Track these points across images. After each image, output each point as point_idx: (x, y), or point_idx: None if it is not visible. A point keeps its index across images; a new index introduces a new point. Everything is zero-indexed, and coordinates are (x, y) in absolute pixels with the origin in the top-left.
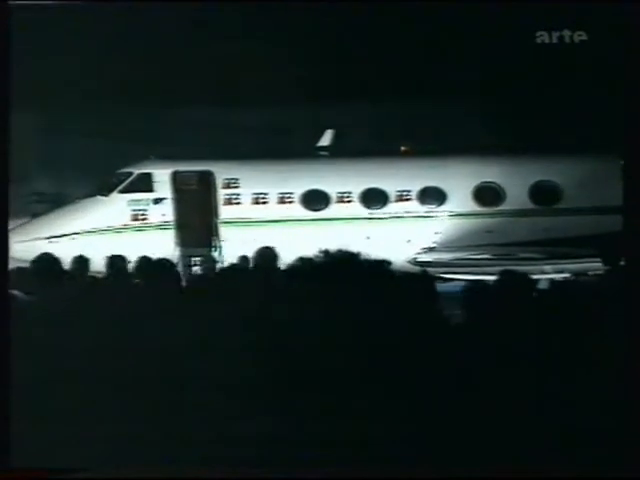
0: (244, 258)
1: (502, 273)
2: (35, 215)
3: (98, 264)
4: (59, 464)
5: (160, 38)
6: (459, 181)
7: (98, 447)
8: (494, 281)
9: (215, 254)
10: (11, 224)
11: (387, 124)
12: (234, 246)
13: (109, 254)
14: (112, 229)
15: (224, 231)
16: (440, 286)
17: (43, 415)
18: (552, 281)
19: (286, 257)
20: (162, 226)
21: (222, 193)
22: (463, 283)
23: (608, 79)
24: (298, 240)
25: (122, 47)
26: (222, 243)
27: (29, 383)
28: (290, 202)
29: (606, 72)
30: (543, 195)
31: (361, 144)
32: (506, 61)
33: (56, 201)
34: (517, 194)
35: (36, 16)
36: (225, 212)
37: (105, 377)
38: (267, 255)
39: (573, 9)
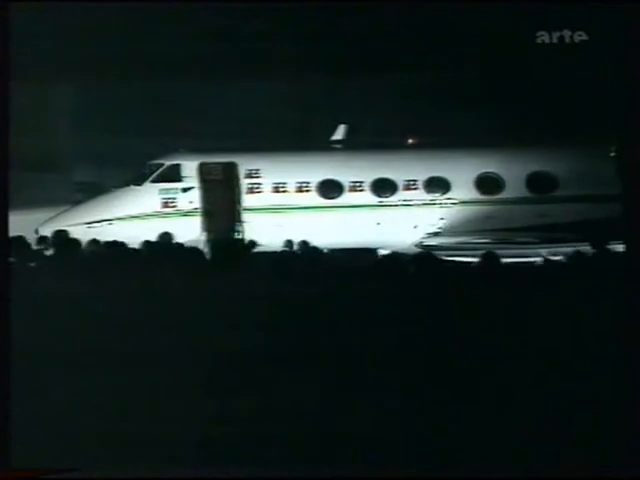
0: None
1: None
2: (76, 203)
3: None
4: (58, 464)
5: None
6: (462, 171)
7: (97, 447)
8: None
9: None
10: (55, 211)
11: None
12: (255, 231)
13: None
14: (144, 216)
15: (246, 217)
16: None
17: (43, 415)
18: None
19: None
20: (190, 213)
21: (245, 182)
22: None
23: (604, 76)
24: (314, 225)
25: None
26: (244, 228)
27: (30, 383)
28: (307, 191)
29: (603, 70)
30: (539, 184)
31: (372, 137)
32: (506, 59)
33: (95, 190)
34: (515, 183)
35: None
36: (247, 200)
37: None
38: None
39: (573, 9)
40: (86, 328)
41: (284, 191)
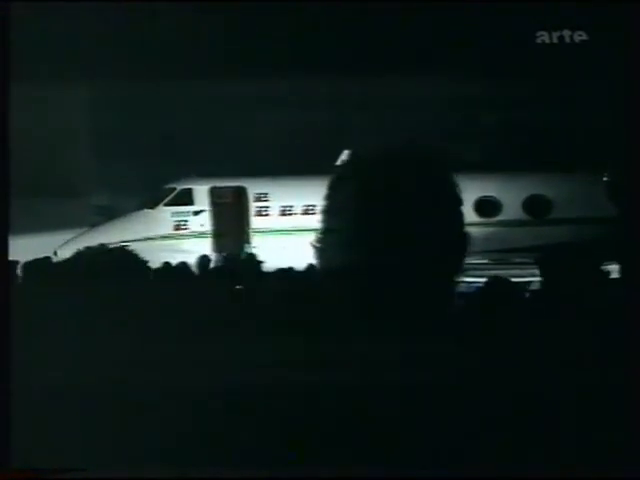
0: None
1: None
2: (93, 225)
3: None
4: (59, 464)
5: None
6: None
7: (97, 447)
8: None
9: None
10: (71, 234)
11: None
12: (263, 252)
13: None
14: (157, 237)
15: (255, 239)
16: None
17: (43, 415)
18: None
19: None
20: (201, 235)
21: (253, 206)
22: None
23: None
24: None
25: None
26: (253, 249)
27: (31, 382)
28: (313, 214)
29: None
30: (535, 207)
31: None
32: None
33: (110, 213)
34: (512, 206)
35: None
36: (256, 222)
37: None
38: None
39: (573, 9)
40: None
41: (291, 214)
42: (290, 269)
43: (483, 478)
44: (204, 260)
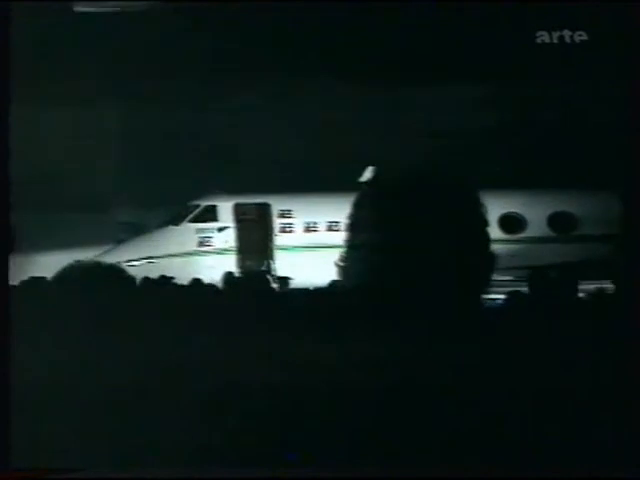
0: None
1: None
2: (119, 242)
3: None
4: (59, 464)
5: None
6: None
7: (98, 447)
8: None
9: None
10: (99, 249)
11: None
12: (286, 268)
13: None
14: (182, 254)
15: (278, 255)
16: None
17: (43, 415)
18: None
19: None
20: (225, 251)
21: (277, 222)
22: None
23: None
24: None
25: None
26: (276, 266)
27: (30, 384)
28: (337, 230)
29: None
30: (559, 224)
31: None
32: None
33: (136, 230)
34: (537, 223)
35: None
36: (280, 239)
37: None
38: None
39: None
40: None
41: (315, 230)
42: (315, 285)
43: (483, 478)
44: (228, 276)
